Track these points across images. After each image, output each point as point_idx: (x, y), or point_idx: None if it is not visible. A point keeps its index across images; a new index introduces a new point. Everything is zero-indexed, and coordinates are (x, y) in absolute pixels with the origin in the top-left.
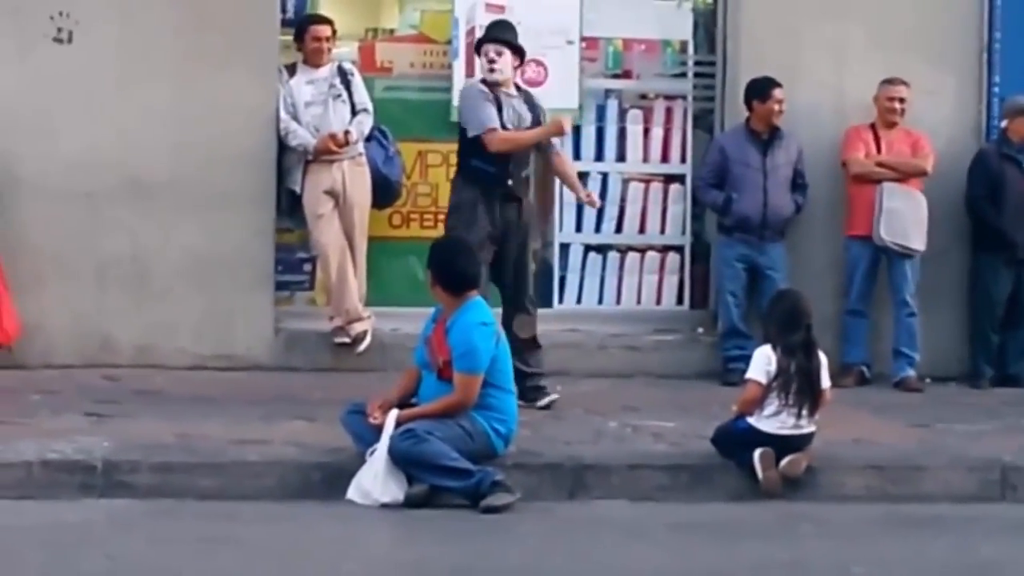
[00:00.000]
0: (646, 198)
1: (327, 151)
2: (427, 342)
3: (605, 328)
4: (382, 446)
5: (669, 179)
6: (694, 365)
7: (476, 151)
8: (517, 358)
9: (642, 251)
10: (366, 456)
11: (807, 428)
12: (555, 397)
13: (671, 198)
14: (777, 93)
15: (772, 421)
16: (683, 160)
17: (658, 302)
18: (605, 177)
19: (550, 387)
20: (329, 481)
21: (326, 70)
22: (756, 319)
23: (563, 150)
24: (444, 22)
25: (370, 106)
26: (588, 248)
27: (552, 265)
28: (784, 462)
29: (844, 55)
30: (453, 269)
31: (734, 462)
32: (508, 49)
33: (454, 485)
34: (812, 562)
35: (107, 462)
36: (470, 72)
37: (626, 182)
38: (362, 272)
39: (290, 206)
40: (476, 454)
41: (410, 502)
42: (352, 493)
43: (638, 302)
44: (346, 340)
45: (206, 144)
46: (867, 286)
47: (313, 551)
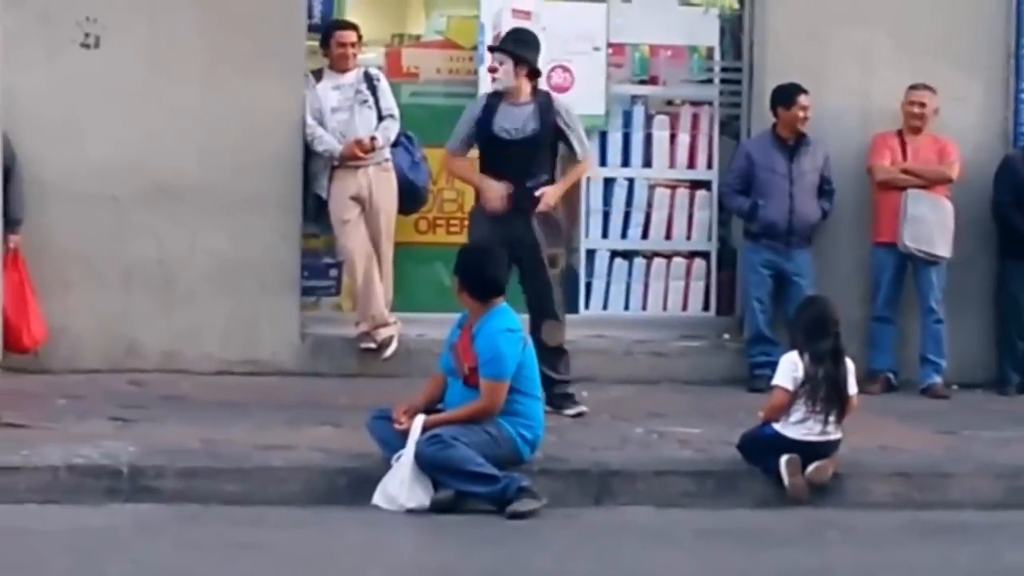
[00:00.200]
0: (672, 204)
1: (353, 157)
2: (452, 348)
3: (631, 334)
4: (408, 451)
5: (695, 185)
6: (720, 371)
7: (482, 164)
8: (545, 365)
9: (668, 257)
10: (392, 461)
11: (834, 435)
12: (584, 409)
13: (697, 204)
14: (802, 100)
15: (798, 428)
16: (709, 166)
17: (684, 308)
18: (631, 183)
19: (578, 396)
20: (355, 486)
21: (352, 76)
22: (782, 325)
23: (590, 163)
24: (470, 28)
25: (396, 112)
26: (614, 254)
27: (578, 271)
28: (810, 469)
29: (871, 61)
30: (480, 275)
31: (760, 468)
32: (510, 58)
33: (480, 491)
34: (838, 569)
35: (133, 467)
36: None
37: (652, 188)
38: (388, 278)
39: (316, 211)
40: (502, 460)
41: (436, 508)
42: (378, 498)
43: (664, 308)
44: (372, 345)
45: (233, 149)
46: (893, 293)
47: (338, 556)
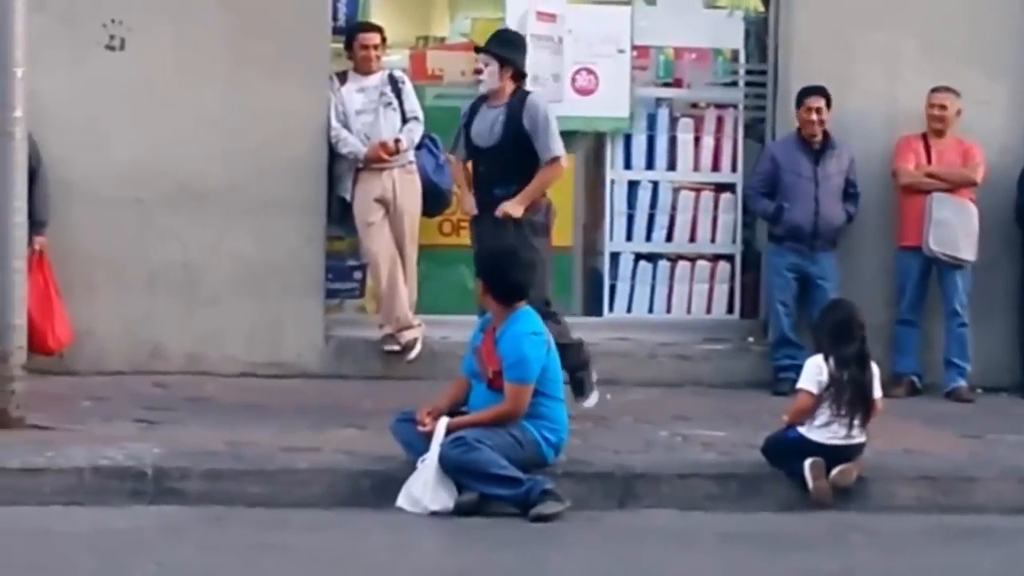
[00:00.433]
0: (696, 207)
1: (377, 159)
2: (476, 352)
3: (655, 337)
4: (432, 454)
5: (720, 188)
6: (744, 374)
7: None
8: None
9: (692, 260)
10: (418, 464)
11: (858, 438)
12: (594, 400)
13: (722, 207)
14: (810, 101)
15: (823, 431)
16: (734, 169)
17: (708, 311)
18: (656, 186)
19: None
20: (379, 489)
21: (376, 78)
22: (807, 328)
23: (557, 167)
24: (495, 30)
25: (420, 114)
26: (638, 257)
27: (602, 274)
28: (835, 472)
29: (896, 64)
30: (504, 279)
31: (784, 472)
32: (495, 59)
33: (504, 493)
34: (862, 573)
35: (157, 469)
36: None
37: (677, 191)
38: (412, 280)
39: (340, 214)
40: (526, 462)
41: (460, 510)
42: (402, 501)
43: (688, 311)
44: (396, 348)
45: (257, 151)
46: (918, 296)
47: (363, 559)
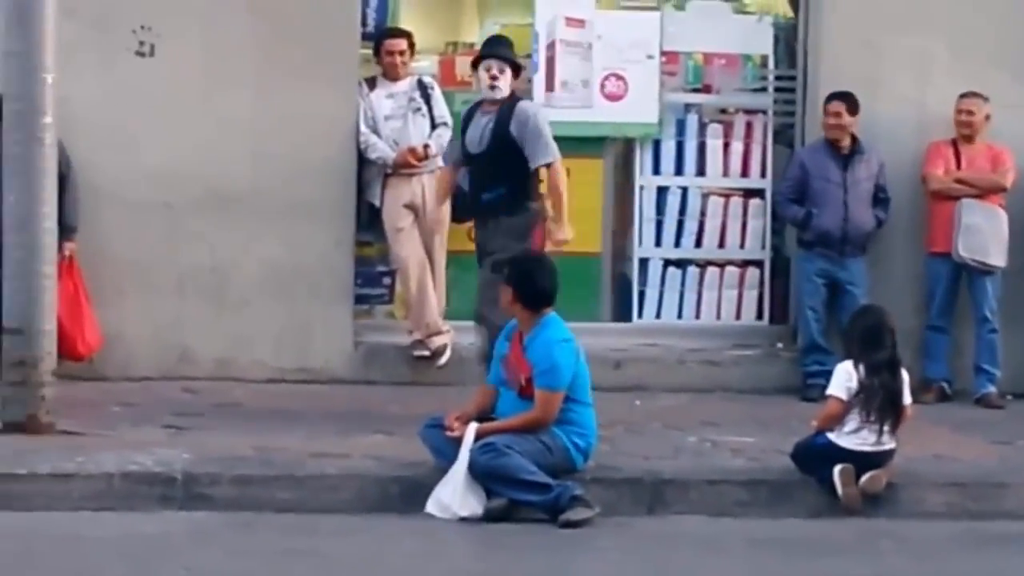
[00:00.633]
0: (726, 212)
1: (406, 165)
2: (504, 361)
3: (684, 343)
4: (461, 460)
5: (749, 194)
6: (773, 380)
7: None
8: None
9: (721, 266)
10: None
11: (888, 445)
12: None
13: (751, 213)
14: (831, 106)
15: (852, 437)
16: (763, 175)
17: (737, 317)
18: (685, 191)
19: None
20: (407, 494)
21: (406, 84)
22: (836, 334)
23: (552, 171)
24: (524, 36)
25: (450, 120)
26: (667, 263)
27: (631, 280)
28: (864, 478)
29: (925, 69)
30: (533, 284)
31: (814, 478)
32: (508, 67)
33: (533, 499)
34: None
35: (187, 474)
36: (550, 86)
37: (706, 196)
38: (441, 286)
39: (370, 219)
40: (555, 468)
41: (489, 516)
42: (431, 507)
43: (717, 317)
44: (425, 353)
45: (286, 156)
46: (948, 302)
47: (392, 564)
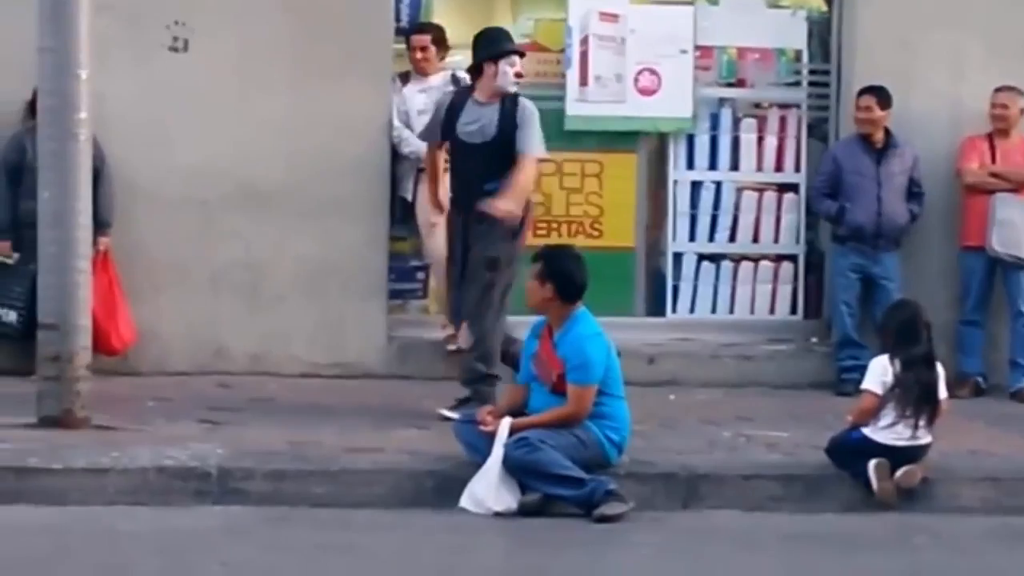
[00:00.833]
0: (760, 207)
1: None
2: (535, 358)
3: (718, 337)
4: (495, 455)
5: (783, 188)
6: (808, 375)
7: (450, 160)
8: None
9: (755, 260)
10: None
11: (923, 439)
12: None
13: (785, 207)
14: (861, 100)
15: (887, 432)
16: (797, 169)
17: (771, 311)
18: (719, 186)
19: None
20: (442, 489)
21: (439, 78)
22: (870, 329)
23: (528, 160)
24: (557, 30)
25: None
26: (701, 257)
27: (665, 274)
28: (899, 473)
29: (960, 64)
30: (571, 277)
31: (848, 473)
32: (519, 59)
33: (567, 494)
34: (927, 574)
35: (221, 469)
36: (583, 81)
37: (740, 191)
38: None
39: (403, 214)
40: (589, 463)
41: (523, 511)
42: (465, 501)
43: (751, 311)
44: (459, 348)
45: (320, 152)
46: (982, 296)
47: (426, 559)
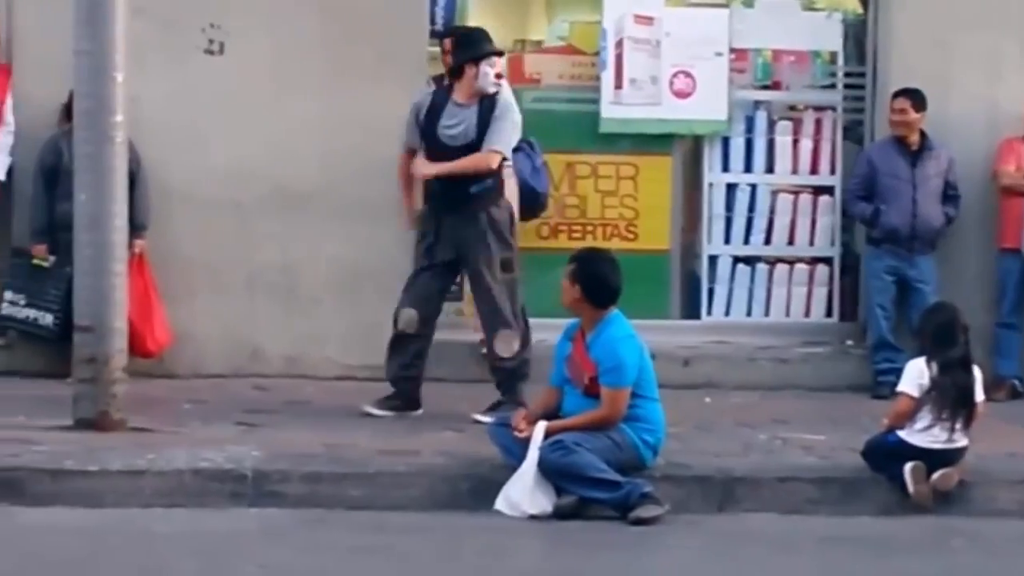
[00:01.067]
0: (795, 210)
1: None
2: (568, 360)
3: (754, 340)
4: (531, 457)
5: (818, 191)
6: (844, 378)
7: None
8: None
9: (791, 263)
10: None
11: (960, 442)
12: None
13: (820, 210)
14: (895, 103)
15: (924, 435)
16: (832, 172)
17: (807, 314)
18: (754, 189)
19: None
20: (477, 492)
21: None
22: (906, 332)
23: (488, 153)
24: (592, 33)
25: (517, 117)
26: (736, 260)
27: (700, 277)
28: (936, 476)
29: (997, 67)
30: (603, 282)
31: (884, 476)
32: (498, 60)
33: (603, 497)
34: None
35: (257, 471)
36: (619, 84)
37: (775, 194)
38: None
39: None
40: (625, 465)
41: (559, 513)
42: (500, 504)
43: (787, 314)
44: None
45: (355, 154)
46: (1019, 299)
47: (462, 562)
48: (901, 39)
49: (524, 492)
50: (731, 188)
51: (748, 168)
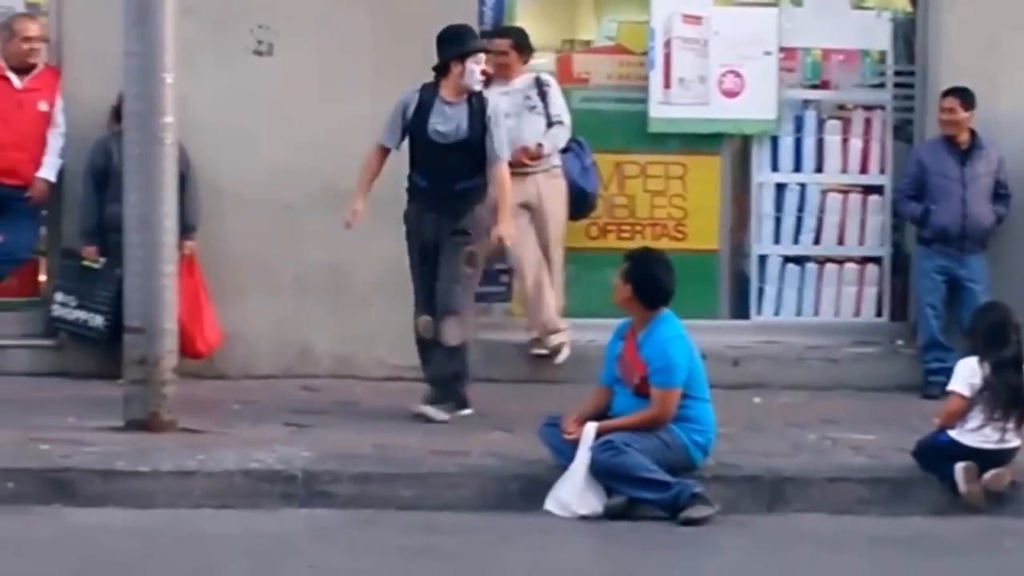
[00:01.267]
0: (845, 209)
1: (519, 164)
2: (619, 359)
3: (804, 340)
4: (581, 458)
5: (868, 190)
6: (894, 377)
7: (412, 161)
8: (432, 361)
9: (840, 262)
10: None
11: (1012, 442)
12: (443, 418)
13: (870, 209)
14: (944, 102)
15: (975, 435)
16: (882, 171)
17: (857, 314)
18: (803, 188)
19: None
20: (527, 492)
21: (521, 81)
22: (956, 331)
23: (504, 166)
24: (640, 33)
25: (566, 118)
26: (786, 259)
27: (749, 277)
28: (987, 476)
29: None
30: (656, 283)
31: (935, 476)
32: (484, 58)
33: (652, 497)
34: None
35: (307, 472)
36: (667, 83)
37: (824, 193)
38: (558, 284)
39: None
40: (674, 465)
41: (608, 514)
42: (550, 504)
43: (836, 314)
44: (543, 352)
45: (404, 154)
46: None
47: (512, 562)
48: (950, 38)
49: (574, 492)
50: (780, 188)
51: (797, 168)
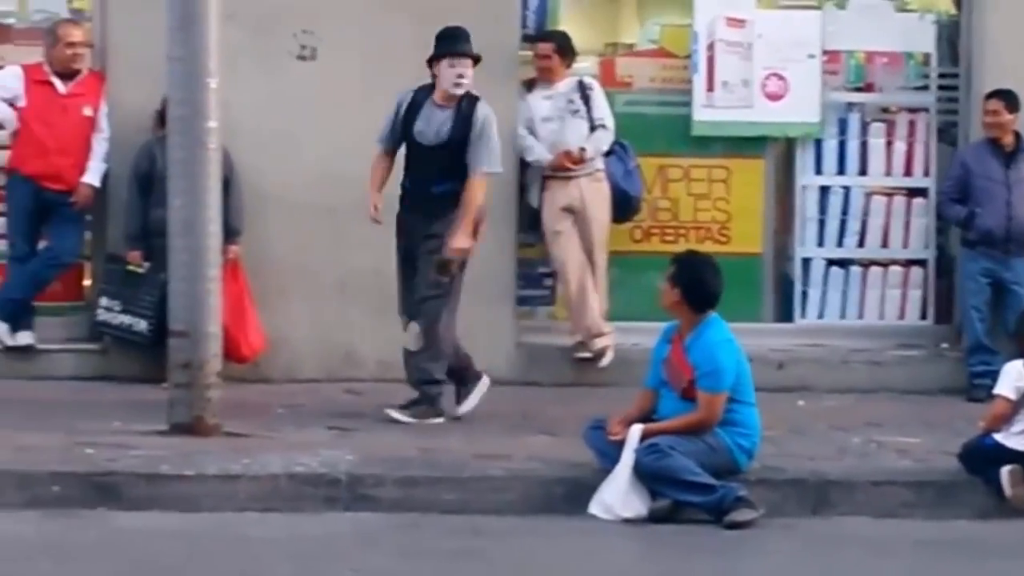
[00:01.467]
0: (889, 212)
1: (562, 167)
2: (666, 362)
3: (848, 343)
4: (625, 461)
5: (912, 193)
6: (938, 380)
7: (405, 161)
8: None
9: (885, 265)
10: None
11: None
12: (410, 421)
13: (914, 212)
14: (988, 104)
15: (1021, 438)
16: (926, 174)
17: (901, 317)
18: (847, 191)
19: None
20: (571, 496)
21: (565, 85)
22: (1001, 334)
23: (479, 179)
24: (684, 36)
25: (609, 122)
26: (830, 262)
27: (793, 280)
28: None
29: None
30: (703, 286)
31: (981, 479)
32: (472, 62)
33: (697, 500)
34: None
35: (351, 476)
36: (710, 86)
37: (868, 196)
38: (602, 288)
39: (531, 220)
40: (719, 469)
41: (653, 517)
42: (594, 508)
43: (881, 317)
44: (587, 355)
45: None
46: None
47: (557, 565)
48: (995, 40)
49: (618, 495)
50: (824, 190)
51: (841, 170)
